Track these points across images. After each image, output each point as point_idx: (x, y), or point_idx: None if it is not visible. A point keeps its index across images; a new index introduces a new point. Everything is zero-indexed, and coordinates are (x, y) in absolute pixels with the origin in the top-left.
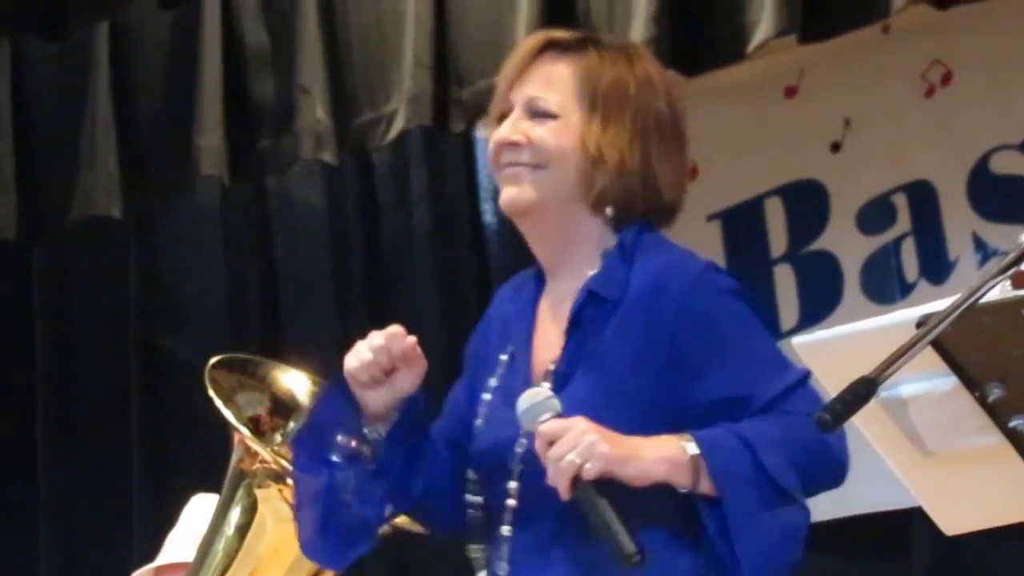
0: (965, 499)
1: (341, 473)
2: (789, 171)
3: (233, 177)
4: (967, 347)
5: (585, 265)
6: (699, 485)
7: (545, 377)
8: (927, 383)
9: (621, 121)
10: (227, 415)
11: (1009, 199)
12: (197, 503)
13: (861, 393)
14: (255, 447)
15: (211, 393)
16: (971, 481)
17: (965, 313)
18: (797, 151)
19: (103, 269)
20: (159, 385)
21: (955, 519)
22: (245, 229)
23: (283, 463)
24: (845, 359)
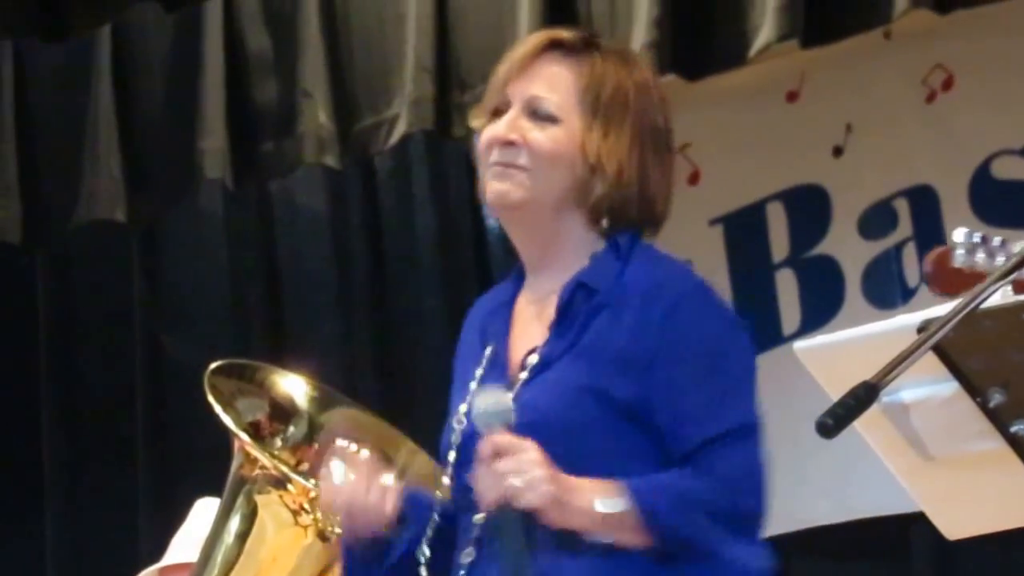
0: (966, 504)
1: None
2: (791, 176)
3: (236, 181)
4: (968, 352)
5: (571, 264)
6: (640, 539)
7: (523, 367)
8: (928, 388)
9: (621, 129)
10: (227, 421)
11: (1011, 204)
12: (203, 506)
13: (862, 398)
14: (255, 453)
15: (210, 399)
16: (972, 486)
17: (966, 319)
18: (799, 156)
19: (107, 273)
20: (164, 388)
21: (956, 524)
22: (248, 233)
23: (283, 469)
24: (846, 364)
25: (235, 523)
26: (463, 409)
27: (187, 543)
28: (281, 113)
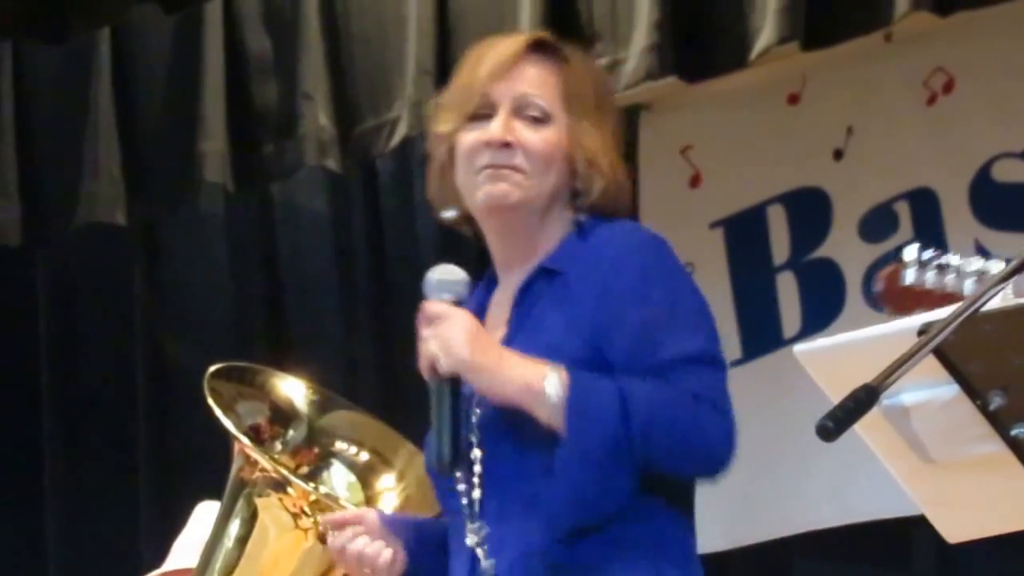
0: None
1: None
2: (791, 179)
3: (237, 184)
4: (969, 355)
5: (544, 255)
6: (556, 421)
7: None
8: (929, 391)
9: (604, 126)
10: (227, 424)
11: (1011, 207)
12: (204, 510)
13: (863, 401)
14: (255, 456)
15: (210, 402)
16: (973, 489)
17: (967, 321)
18: (799, 159)
19: (107, 276)
20: (165, 391)
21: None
22: (249, 235)
23: (283, 472)
24: (847, 367)
25: (235, 526)
26: None
27: (189, 548)
28: (282, 115)
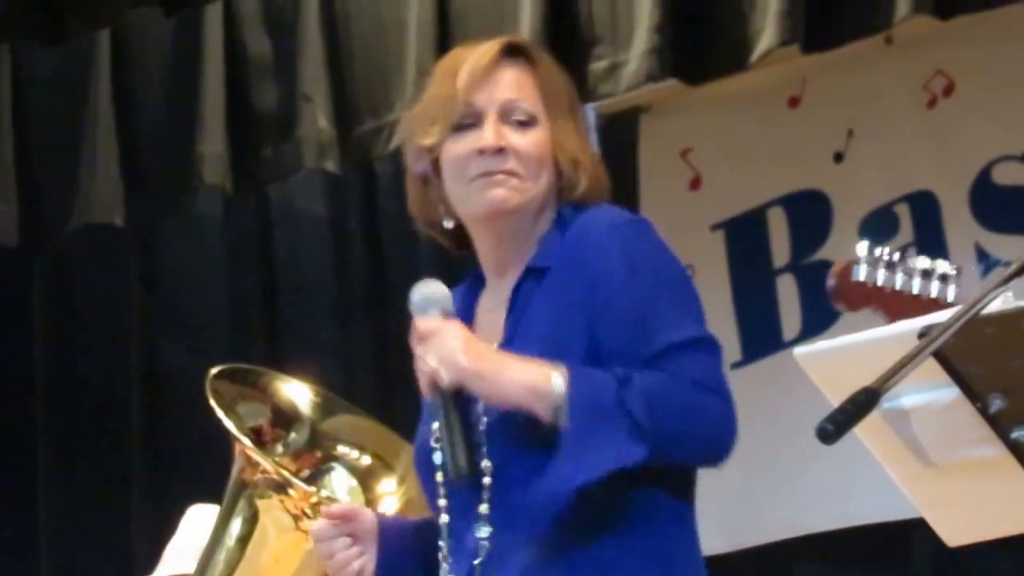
0: (967, 510)
1: None
2: (792, 181)
3: (235, 185)
4: (969, 358)
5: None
6: (560, 418)
7: None
8: (929, 394)
9: (577, 123)
10: (229, 425)
11: (1011, 210)
12: (195, 513)
13: (863, 404)
14: (256, 458)
15: (212, 403)
16: (973, 492)
17: (967, 324)
18: (800, 161)
19: (104, 277)
20: (160, 393)
21: (957, 530)
22: (247, 237)
23: (284, 474)
24: (847, 370)
25: (236, 527)
26: (436, 426)
27: (181, 553)
28: (281, 117)
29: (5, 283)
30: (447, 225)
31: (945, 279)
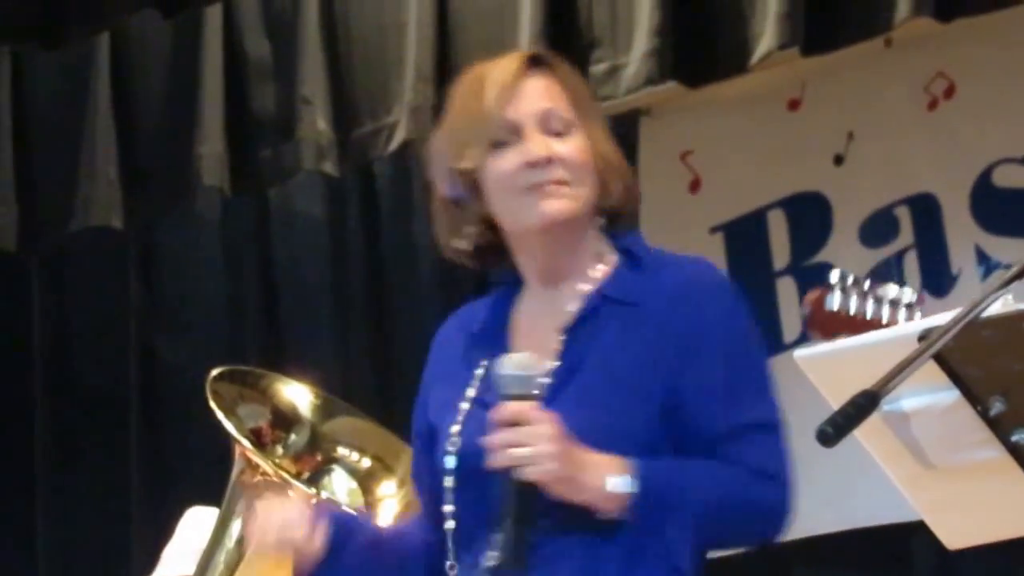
0: (967, 513)
1: None
2: (792, 184)
3: (234, 187)
4: (969, 361)
5: (585, 269)
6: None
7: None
8: (929, 397)
9: (605, 128)
10: (229, 427)
11: (1012, 212)
12: (192, 516)
13: (863, 406)
14: (256, 459)
15: (212, 405)
16: (973, 495)
17: (967, 327)
18: (800, 164)
19: (103, 279)
20: (158, 396)
21: (957, 533)
22: (245, 239)
23: (284, 475)
24: (847, 372)
25: (236, 528)
26: (456, 430)
27: (179, 555)
28: (280, 119)
29: (4, 285)
30: (479, 243)
31: (910, 307)
